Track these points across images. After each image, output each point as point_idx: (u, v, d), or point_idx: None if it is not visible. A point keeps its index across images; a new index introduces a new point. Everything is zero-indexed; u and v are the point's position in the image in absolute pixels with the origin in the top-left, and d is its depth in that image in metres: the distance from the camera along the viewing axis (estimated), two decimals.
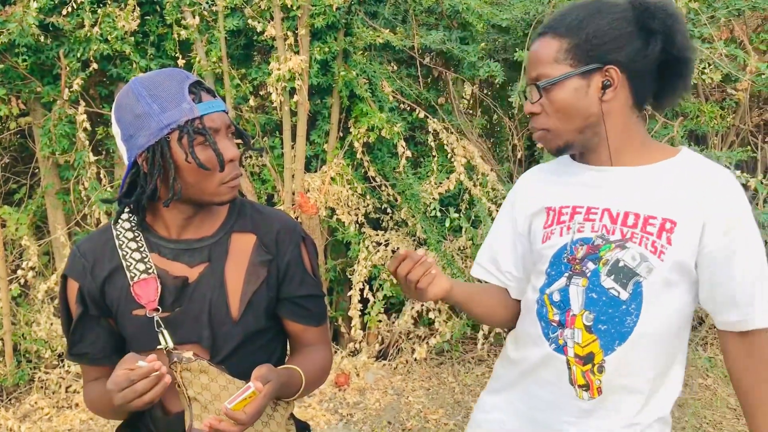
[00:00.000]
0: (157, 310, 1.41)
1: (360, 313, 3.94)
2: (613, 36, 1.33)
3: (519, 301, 1.63)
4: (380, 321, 4.02)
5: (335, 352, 4.12)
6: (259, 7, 3.73)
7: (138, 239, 1.46)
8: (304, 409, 3.59)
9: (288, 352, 1.66)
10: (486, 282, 1.67)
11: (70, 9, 3.49)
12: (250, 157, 4.00)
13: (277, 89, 3.68)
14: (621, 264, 1.37)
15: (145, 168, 1.37)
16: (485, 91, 4.69)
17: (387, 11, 3.94)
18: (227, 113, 1.43)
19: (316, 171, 3.98)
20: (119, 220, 1.49)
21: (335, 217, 3.92)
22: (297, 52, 3.71)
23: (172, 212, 1.44)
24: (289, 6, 3.63)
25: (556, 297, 1.46)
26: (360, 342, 4.07)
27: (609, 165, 1.43)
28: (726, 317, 1.37)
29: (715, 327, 1.66)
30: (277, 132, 3.99)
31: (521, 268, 1.61)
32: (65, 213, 3.88)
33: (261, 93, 4.14)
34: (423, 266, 1.40)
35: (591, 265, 1.40)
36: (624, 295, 1.37)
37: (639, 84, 1.38)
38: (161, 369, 1.26)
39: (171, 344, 1.42)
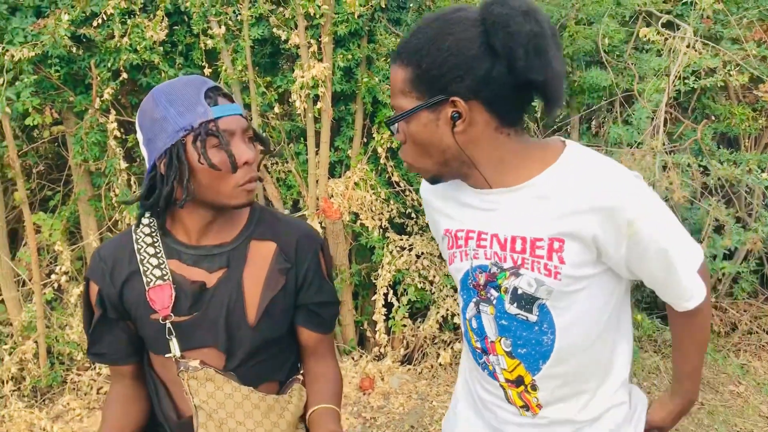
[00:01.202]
0: (169, 316, 1.45)
1: (384, 317, 3.97)
2: (452, 64, 1.20)
3: None
4: (405, 325, 4.03)
5: (360, 356, 4.15)
6: (284, 15, 3.79)
7: (156, 245, 1.49)
8: None
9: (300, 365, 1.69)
10: None
11: (100, 20, 3.60)
12: (276, 163, 4.06)
13: (300, 96, 3.73)
14: (519, 291, 1.32)
15: (162, 170, 1.40)
16: None
17: (410, 18, 3.97)
18: (246, 117, 1.46)
19: (340, 176, 4.02)
20: (140, 225, 1.52)
21: (359, 222, 3.96)
22: (320, 60, 3.76)
23: (192, 217, 1.47)
24: (312, 14, 3.68)
25: (474, 324, 1.44)
26: (385, 346, 4.10)
27: (489, 188, 1.34)
28: (663, 298, 1.39)
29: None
30: (302, 138, 4.04)
31: None
32: (97, 219, 3.99)
33: (288, 100, 4.20)
34: None
35: (494, 293, 1.36)
36: (532, 318, 1.33)
37: (499, 107, 1.25)
38: None
39: (179, 353, 1.45)
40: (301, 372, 1.66)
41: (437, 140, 1.27)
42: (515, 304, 1.33)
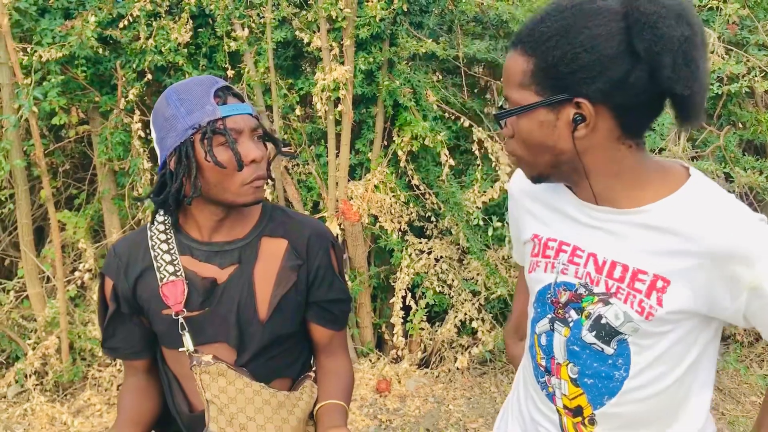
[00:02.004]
0: (181, 311, 1.47)
1: (402, 320, 3.97)
2: (584, 62, 1.06)
3: None
4: (422, 329, 4.04)
5: (378, 358, 4.16)
6: (306, 18, 3.82)
7: (170, 241, 1.52)
8: None
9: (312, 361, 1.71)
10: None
11: (126, 22, 3.66)
12: (298, 165, 4.09)
13: (322, 99, 3.76)
14: (603, 321, 1.20)
15: (171, 167, 1.42)
16: None
17: (432, 21, 3.98)
18: (256, 117, 1.48)
19: (360, 179, 4.04)
20: (155, 222, 1.55)
21: (378, 224, 3.97)
22: (342, 63, 3.78)
23: (203, 214, 1.49)
24: (334, 18, 3.71)
25: (543, 341, 1.33)
26: (402, 349, 4.10)
27: (595, 203, 1.21)
28: None
29: None
30: (322, 141, 4.06)
31: None
32: (121, 217, 4.05)
33: (310, 102, 4.23)
34: None
35: (574, 315, 1.25)
36: (609, 351, 1.22)
37: (627, 115, 1.11)
38: None
39: (192, 347, 1.48)
40: (313, 369, 1.68)
41: (552, 142, 1.14)
42: (594, 333, 1.22)
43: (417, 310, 3.98)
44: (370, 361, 4.13)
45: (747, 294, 1.10)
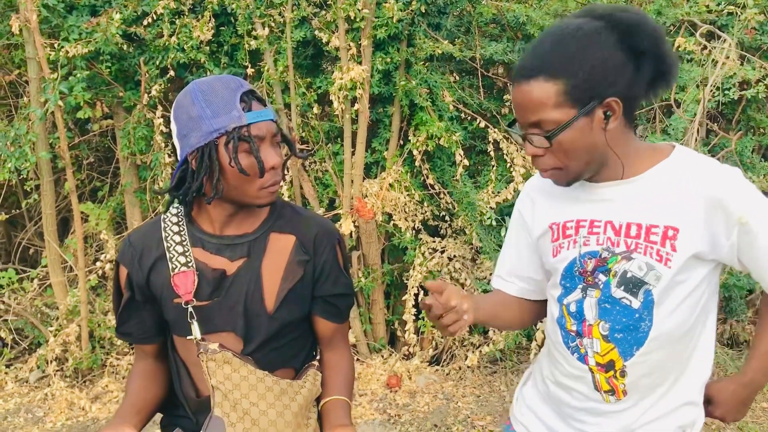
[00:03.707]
0: (191, 301, 1.53)
1: (414, 317, 4.02)
2: (608, 69, 1.30)
3: (538, 301, 1.68)
4: (434, 326, 4.07)
5: (390, 354, 4.21)
6: (326, 18, 3.88)
7: (182, 233, 1.58)
8: (354, 406, 3.70)
9: (316, 350, 1.77)
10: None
11: (150, 20, 3.75)
12: (315, 162, 4.16)
13: (339, 98, 3.82)
14: (629, 275, 1.39)
15: (193, 166, 1.48)
16: None
17: (449, 23, 4.02)
18: (276, 122, 1.53)
19: (376, 177, 4.10)
20: (168, 213, 1.62)
21: (392, 222, 4.02)
22: (359, 63, 3.84)
23: (217, 209, 1.56)
24: (353, 18, 3.77)
25: (573, 308, 1.48)
26: (414, 346, 4.15)
27: (615, 180, 1.43)
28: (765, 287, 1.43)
29: None
30: (339, 139, 4.12)
31: (540, 271, 1.64)
32: (142, 210, 4.15)
33: (328, 101, 4.29)
34: (456, 314, 1.39)
35: (602, 277, 1.43)
36: (636, 304, 1.40)
37: (632, 104, 1.37)
38: None
39: (199, 336, 1.54)
40: (317, 358, 1.74)
41: (590, 143, 1.34)
42: (622, 287, 1.40)
43: None
44: (382, 356, 4.19)
45: (737, 230, 1.32)
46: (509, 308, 1.69)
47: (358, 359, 4.18)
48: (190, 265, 1.54)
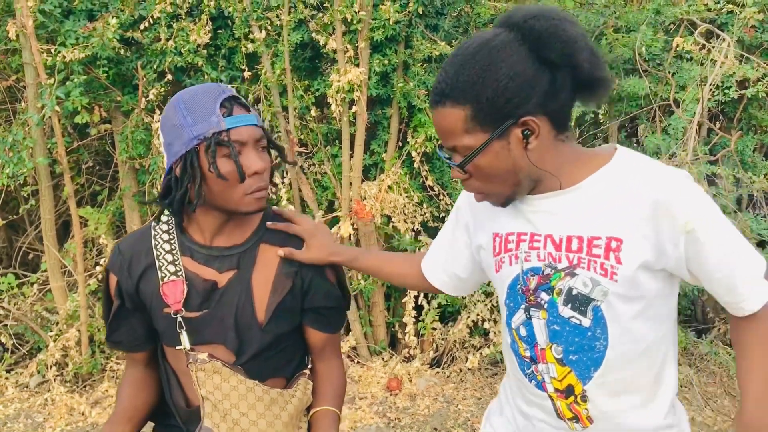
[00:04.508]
0: (180, 311, 1.52)
1: (414, 320, 4.01)
2: (516, 88, 1.21)
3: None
4: (434, 329, 4.07)
5: (390, 357, 4.20)
6: (323, 20, 3.87)
7: (172, 241, 1.57)
8: (354, 410, 3.69)
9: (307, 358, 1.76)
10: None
11: (147, 24, 3.75)
12: (314, 164, 4.15)
13: (336, 100, 3.81)
14: (575, 292, 1.30)
15: (177, 174, 1.48)
16: None
17: (447, 24, 4.01)
18: (262, 127, 1.52)
19: (375, 179, 4.09)
20: (159, 222, 1.61)
21: (391, 224, 4.01)
22: (357, 65, 3.83)
23: (206, 218, 1.54)
24: (349, 20, 3.76)
25: (523, 332, 1.41)
26: (414, 348, 4.14)
27: (552, 191, 1.35)
28: (722, 302, 1.34)
29: None
30: (338, 141, 4.12)
31: (467, 271, 1.61)
32: (141, 214, 4.15)
33: (326, 103, 4.28)
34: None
35: (545, 296, 1.35)
36: (586, 322, 1.31)
37: (558, 116, 1.28)
38: None
39: (188, 346, 1.53)
40: (309, 366, 1.73)
41: (511, 164, 1.27)
42: (569, 306, 1.32)
43: (429, 310, 4.02)
44: (383, 359, 4.18)
45: (684, 238, 1.23)
46: (398, 265, 1.73)
47: (358, 362, 4.17)
48: (179, 274, 1.53)
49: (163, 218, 1.61)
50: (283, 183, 4.02)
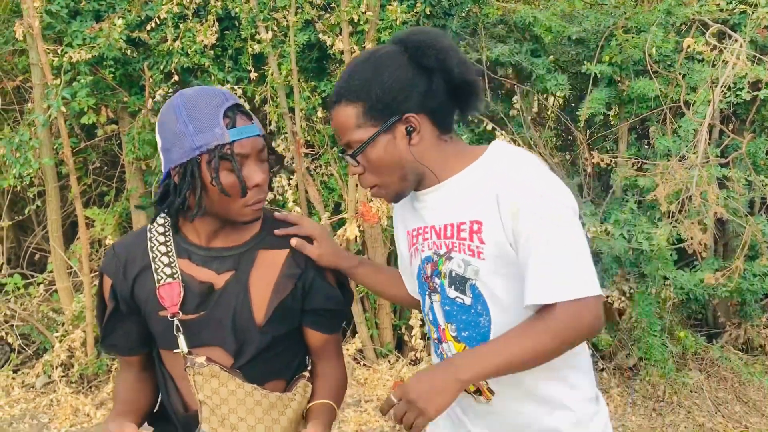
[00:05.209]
0: (177, 314, 1.50)
1: (421, 322, 3.98)
2: (398, 88, 1.41)
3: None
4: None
5: (397, 359, 4.17)
6: (329, 21, 3.86)
7: (168, 243, 1.55)
8: (359, 413, 3.67)
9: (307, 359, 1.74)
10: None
11: (154, 24, 3.75)
12: (320, 166, 4.13)
13: None
14: (454, 273, 1.46)
15: (176, 181, 1.45)
16: (561, 103, 4.64)
17: (455, 24, 3.98)
18: (263, 137, 1.49)
19: None
20: (155, 224, 1.58)
21: None
22: None
23: (203, 223, 1.52)
24: (356, 21, 3.74)
25: (430, 316, 1.57)
26: (421, 351, 4.11)
27: (428, 187, 1.51)
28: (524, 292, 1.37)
29: None
30: None
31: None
32: (148, 215, 4.15)
33: None
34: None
35: (437, 280, 1.51)
36: (468, 300, 1.46)
37: (438, 116, 1.46)
38: None
39: (186, 349, 1.51)
40: (308, 368, 1.71)
41: (397, 157, 1.45)
42: (452, 287, 1.48)
43: None
44: (389, 362, 4.15)
45: (511, 221, 1.36)
46: (393, 287, 1.79)
47: (364, 364, 4.15)
48: (175, 276, 1.51)
49: (159, 219, 1.59)
50: (289, 185, 4.01)
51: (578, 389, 1.51)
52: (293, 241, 1.58)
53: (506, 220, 1.37)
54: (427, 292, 1.56)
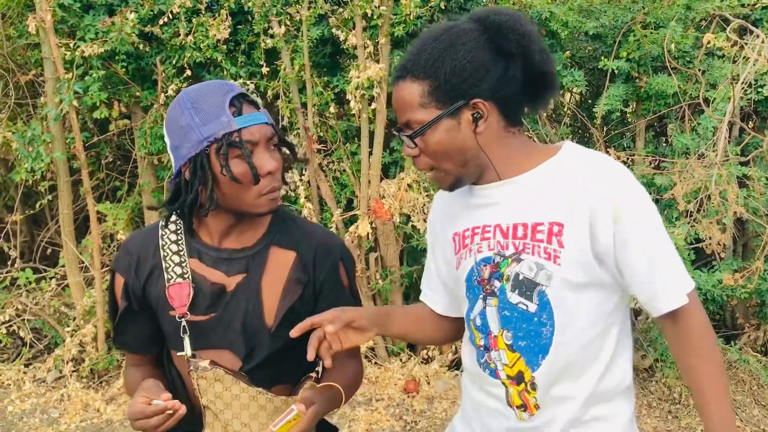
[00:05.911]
0: (186, 314, 1.47)
1: None
2: (471, 69, 1.30)
3: (455, 320, 1.62)
4: None
5: (409, 358, 4.14)
6: (343, 16, 3.82)
7: (180, 242, 1.52)
8: (370, 412, 3.63)
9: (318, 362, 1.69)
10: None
11: (166, 19, 3.73)
12: (333, 162, 4.10)
13: (356, 97, 3.75)
14: (521, 277, 1.36)
15: (187, 177, 1.42)
16: (578, 100, 4.58)
17: None
18: (272, 125, 1.46)
19: (394, 177, 4.02)
20: (168, 222, 1.55)
21: (410, 223, 3.95)
22: (377, 61, 3.77)
23: (215, 219, 1.49)
24: (370, 15, 3.70)
25: (478, 321, 1.45)
26: (433, 350, 4.08)
27: (497, 181, 1.41)
28: (641, 302, 1.36)
29: None
30: (357, 138, 4.06)
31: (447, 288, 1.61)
32: (160, 213, 4.12)
33: (348, 99, 4.23)
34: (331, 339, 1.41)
35: (497, 283, 1.40)
36: (532, 308, 1.36)
37: (508, 106, 1.36)
38: (174, 407, 1.32)
39: (190, 352, 1.47)
40: (316, 369, 1.67)
41: (459, 143, 1.34)
42: (516, 291, 1.36)
43: None
44: (401, 360, 4.12)
45: (613, 228, 1.29)
46: (421, 327, 1.65)
47: (375, 363, 4.12)
48: (186, 276, 1.48)
49: (172, 218, 1.55)
50: (301, 180, 3.98)
51: (622, 414, 1.45)
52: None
53: (603, 225, 1.29)
54: (481, 296, 1.44)
